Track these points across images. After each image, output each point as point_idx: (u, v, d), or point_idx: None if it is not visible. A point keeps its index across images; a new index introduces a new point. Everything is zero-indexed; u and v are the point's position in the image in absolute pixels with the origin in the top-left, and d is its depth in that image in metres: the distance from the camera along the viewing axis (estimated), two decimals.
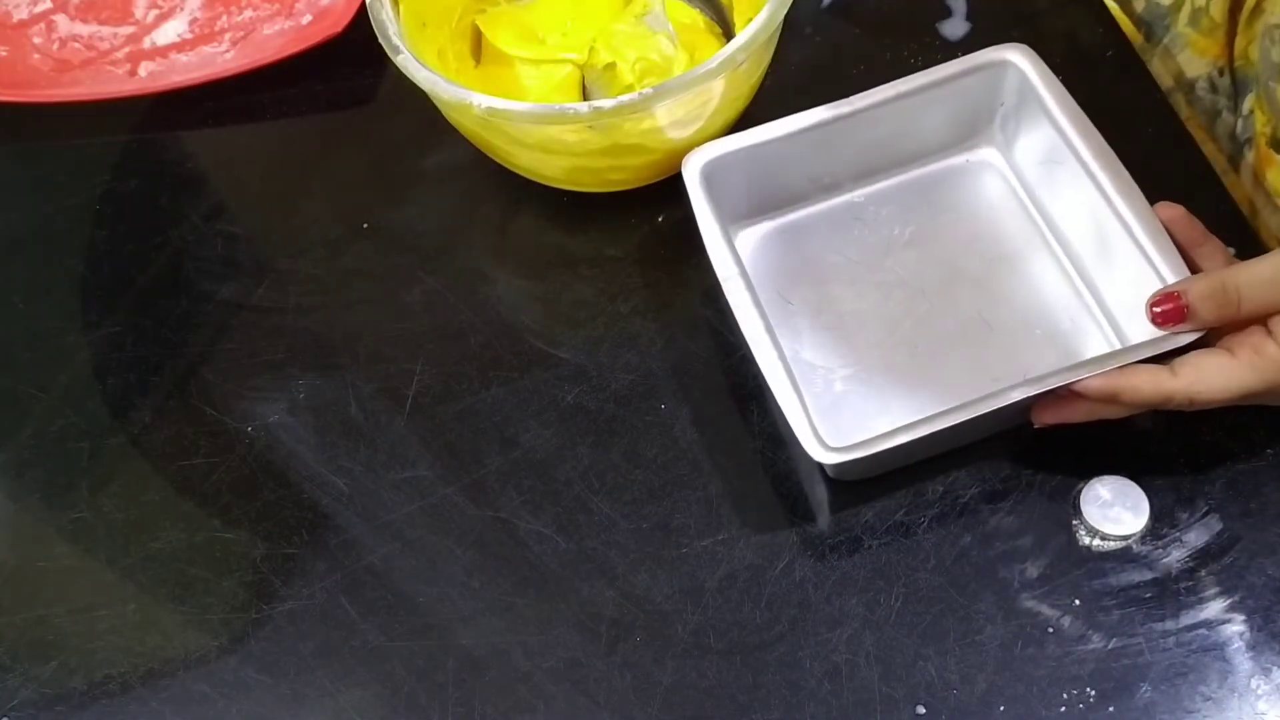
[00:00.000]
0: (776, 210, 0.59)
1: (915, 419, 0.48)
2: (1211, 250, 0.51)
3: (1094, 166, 0.52)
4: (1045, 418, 0.50)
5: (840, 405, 0.54)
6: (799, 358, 0.55)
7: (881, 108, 0.56)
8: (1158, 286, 0.49)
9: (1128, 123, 0.56)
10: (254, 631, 0.51)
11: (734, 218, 0.59)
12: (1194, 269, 0.50)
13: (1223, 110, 0.62)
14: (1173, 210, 0.51)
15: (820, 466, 0.51)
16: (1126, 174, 0.52)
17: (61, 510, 0.55)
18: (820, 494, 0.52)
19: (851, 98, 0.56)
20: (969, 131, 0.59)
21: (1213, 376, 0.45)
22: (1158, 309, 0.47)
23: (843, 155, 0.58)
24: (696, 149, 0.56)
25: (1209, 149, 0.62)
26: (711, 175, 0.55)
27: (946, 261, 0.57)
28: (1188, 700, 0.46)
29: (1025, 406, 0.49)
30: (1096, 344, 0.54)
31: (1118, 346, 0.53)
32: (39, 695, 0.50)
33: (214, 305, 0.61)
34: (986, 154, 0.59)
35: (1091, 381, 0.47)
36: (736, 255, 0.53)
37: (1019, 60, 0.56)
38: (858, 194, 0.60)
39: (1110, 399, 0.47)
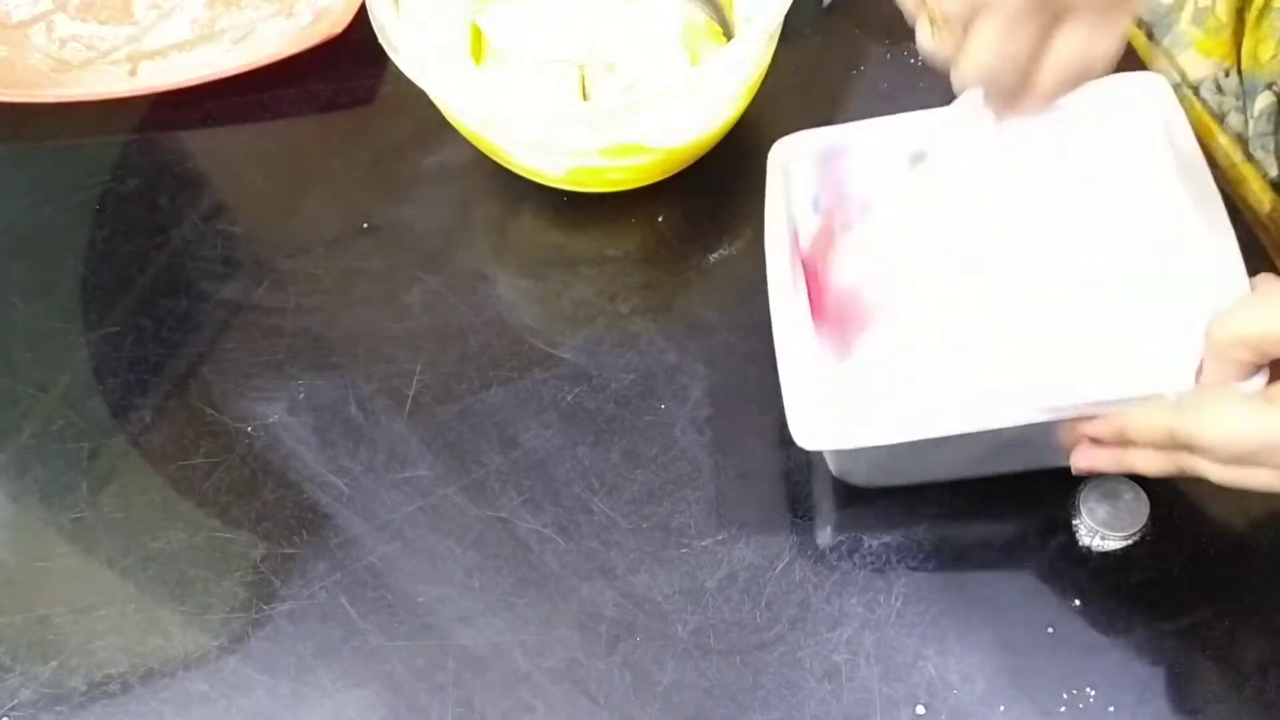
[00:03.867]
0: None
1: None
2: None
3: (1194, 216, 0.48)
4: (1079, 463, 0.47)
5: (859, 404, 0.50)
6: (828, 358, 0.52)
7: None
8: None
9: None
10: (254, 631, 0.51)
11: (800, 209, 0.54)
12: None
13: (1230, 111, 0.62)
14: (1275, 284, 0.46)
15: (830, 475, 0.51)
16: (1231, 231, 0.48)
17: (61, 510, 0.55)
18: (821, 494, 0.52)
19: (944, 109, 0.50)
20: None
21: (1216, 416, 0.40)
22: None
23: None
24: (785, 139, 0.53)
25: (1215, 149, 0.62)
26: (793, 165, 0.53)
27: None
28: (1188, 700, 0.46)
29: (1049, 448, 0.46)
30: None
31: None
32: (39, 695, 0.50)
33: (214, 305, 0.61)
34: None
35: (1101, 424, 0.44)
36: (794, 243, 0.50)
37: (1149, 90, 0.52)
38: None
39: (1120, 438, 0.44)
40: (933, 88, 0.64)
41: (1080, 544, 0.50)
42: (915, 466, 0.50)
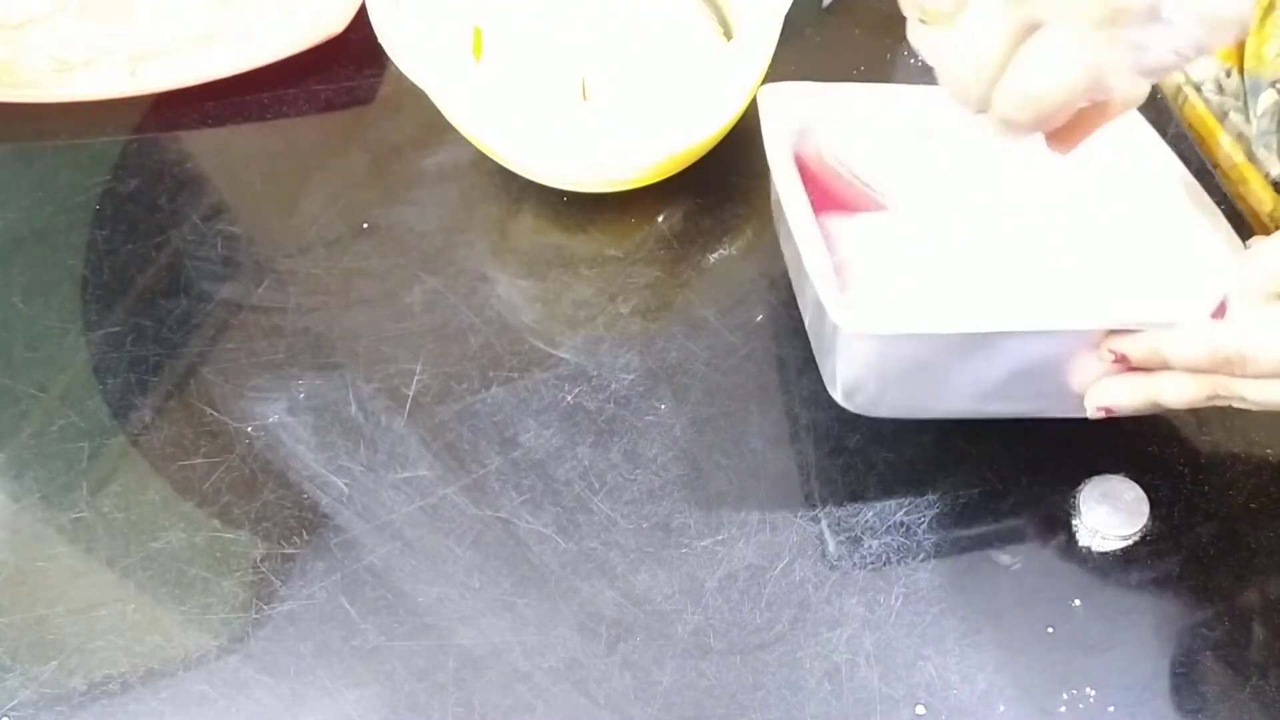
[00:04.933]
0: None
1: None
2: None
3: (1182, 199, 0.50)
4: (1097, 400, 0.45)
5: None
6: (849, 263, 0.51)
7: None
8: None
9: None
10: (254, 631, 0.51)
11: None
12: None
13: (1230, 111, 0.62)
14: None
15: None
16: (1224, 222, 0.49)
17: (61, 510, 0.55)
18: (821, 494, 0.52)
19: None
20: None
21: (1269, 327, 0.39)
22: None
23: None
24: (771, 85, 0.53)
25: (1216, 149, 0.62)
26: (783, 113, 0.53)
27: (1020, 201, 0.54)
28: (1188, 700, 0.46)
29: (1066, 387, 0.46)
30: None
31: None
32: (39, 695, 0.50)
33: (214, 305, 0.61)
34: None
35: (1136, 341, 0.43)
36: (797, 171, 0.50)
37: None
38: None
39: (1153, 358, 0.42)
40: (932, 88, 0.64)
41: (1080, 544, 0.50)
42: (926, 390, 0.48)
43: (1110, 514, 0.49)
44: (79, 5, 0.74)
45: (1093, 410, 0.46)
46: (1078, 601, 0.49)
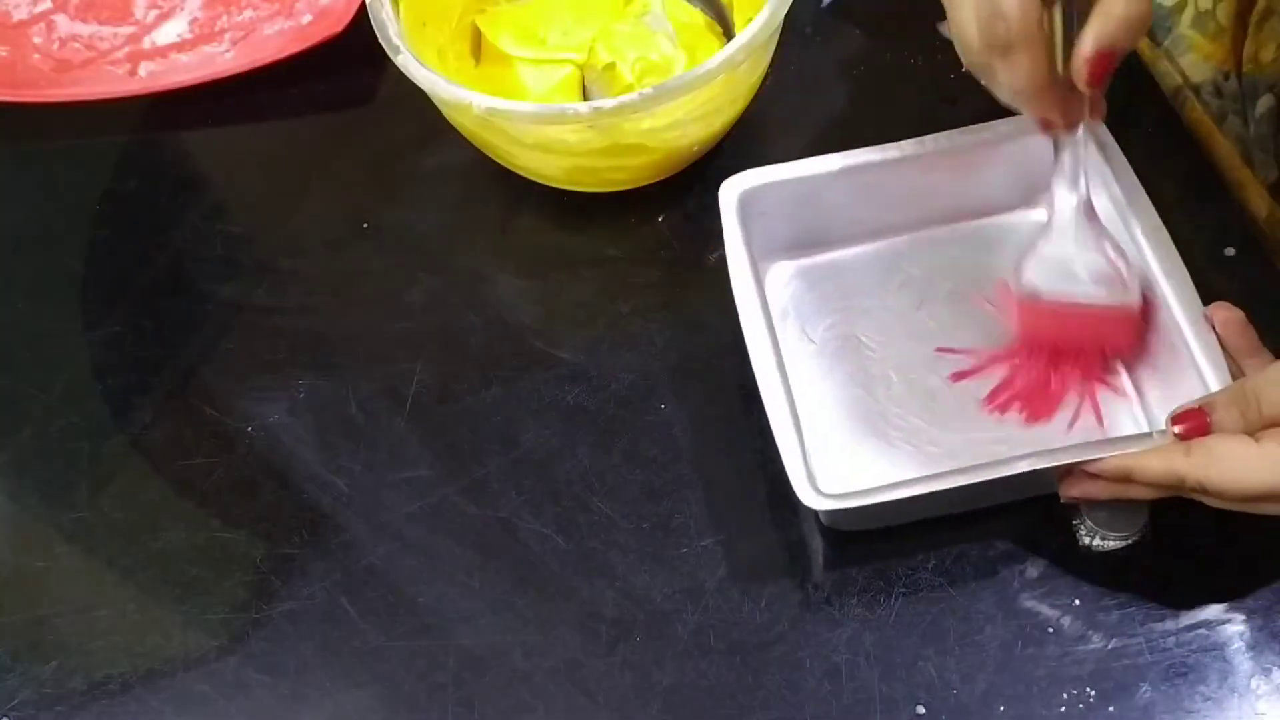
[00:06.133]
0: (814, 247, 0.57)
1: (919, 475, 0.46)
2: (1263, 364, 0.46)
3: (1145, 247, 0.50)
4: (1070, 492, 0.48)
5: (843, 453, 0.52)
6: (810, 397, 0.53)
7: (934, 158, 0.54)
8: (1194, 383, 0.47)
9: (1129, 127, 0.56)
10: (254, 631, 0.51)
11: (768, 249, 0.56)
12: (1237, 377, 0.46)
13: (1229, 114, 0.62)
14: (1230, 312, 0.48)
15: (816, 516, 0.51)
16: (1179, 260, 0.50)
17: (61, 510, 0.55)
18: None
19: (903, 143, 0.54)
20: (1021, 195, 0.57)
21: (1228, 462, 0.42)
22: (1179, 426, 0.44)
23: (890, 200, 0.56)
24: (736, 175, 0.54)
25: (1215, 152, 0.62)
26: (749, 203, 0.54)
27: (980, 323, 0.55)
28: (1188, 700, 0.46)
29: (1039, 478, 0.47)
30: (1121, 425, 0.52)
31: (1144, 429, 0.51)
32: (39, 695, 0.50)
33: (214, 305, 0.61)
34: (1038, 218, 0.56)
35: (1105, 463, 0.45)
36: (761, 288, 0.51)
37: (1083, 129, 0.53)
38: (901, 241, 0.58)
39: (1124, 478, 0.45)
40: (932, 89, 0.64)
41: (1080, 544, 0.50)
42: (902, 513, 0.50)
43: (1110, 514, 0.49)
44: (79, 5, 0.74)
45: (1065, 498, 0.48)
46: (1077, 601, 0.49)
